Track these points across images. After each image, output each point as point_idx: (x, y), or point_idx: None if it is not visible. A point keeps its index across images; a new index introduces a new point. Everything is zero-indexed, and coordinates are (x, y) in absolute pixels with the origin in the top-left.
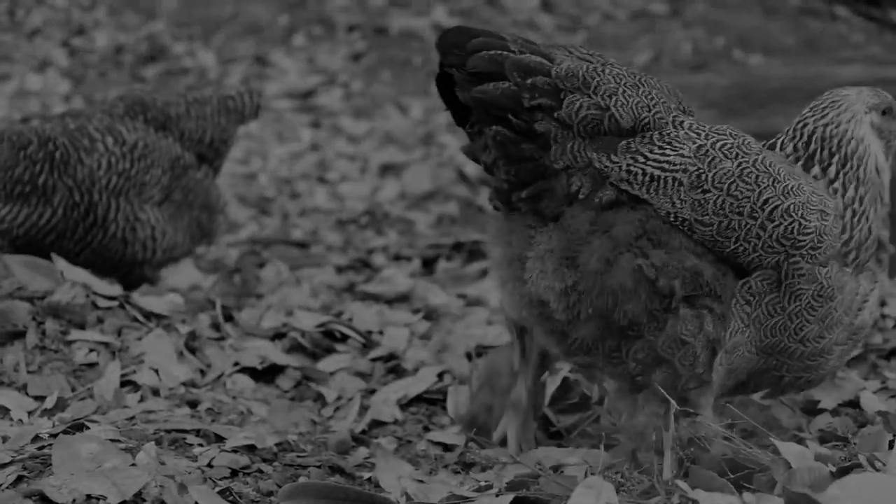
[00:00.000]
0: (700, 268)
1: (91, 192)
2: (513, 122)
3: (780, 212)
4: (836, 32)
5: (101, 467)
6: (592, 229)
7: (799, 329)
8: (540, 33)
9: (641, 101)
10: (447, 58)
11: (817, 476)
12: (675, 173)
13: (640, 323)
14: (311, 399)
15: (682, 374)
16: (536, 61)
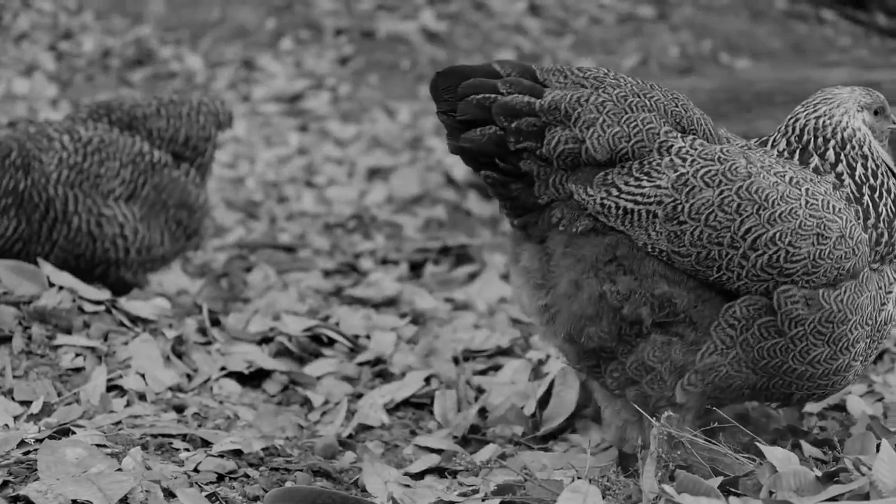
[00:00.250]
0: (673, 295)
1: (46, 189)
2: (500, 166)
3: (763, 241)
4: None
5: (86, 472)
6: (565, 252)
7: (805, 352)
8: (527, 37)
9: (621, 132)
10: (440, 104)
11: (803, 480)
12: (649, 206)
13: (609, 347)
14: (297, 403)
15: (652, 395)
16: (523, 102)
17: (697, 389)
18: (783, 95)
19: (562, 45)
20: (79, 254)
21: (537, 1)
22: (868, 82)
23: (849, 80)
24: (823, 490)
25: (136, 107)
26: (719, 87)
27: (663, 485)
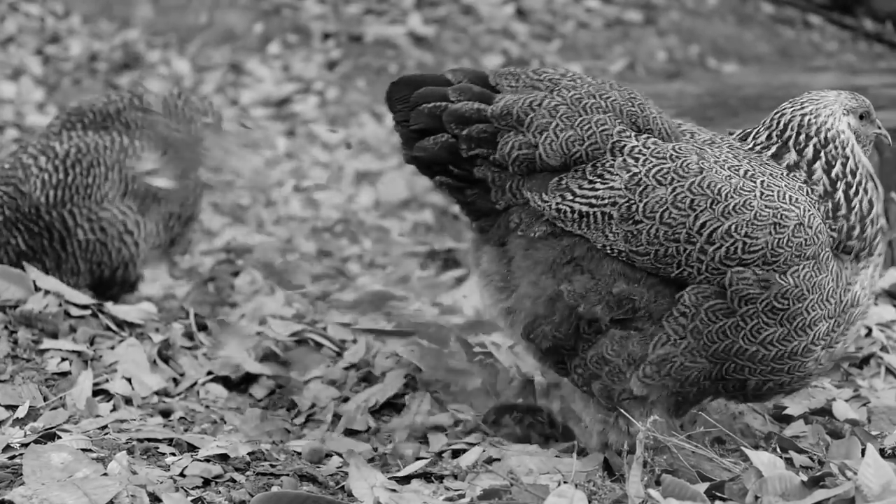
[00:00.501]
0: (631, 293)
1: (41, 215)
2: (454, 172)
3: (720, 234)
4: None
5: (72, 477)
6: (525, 255)
7: (756, 331)
8: (515, 41)
9: (574, 135)
10: (396, 115)
11: (788, 485)
12: (604, 208)
13: (567, 344)
14: (284, 408)
15: (615, 388)
16: (472, 109)
17: (655, 382)
18: (770, 100)
19: (549, 49)
20: (99, 261)
21: (525, 5)
22: (855, 87)
23: (835, 84)
24: (809, 495)
25: (109, 104)
26: (706, 92)
27: (649, 489)
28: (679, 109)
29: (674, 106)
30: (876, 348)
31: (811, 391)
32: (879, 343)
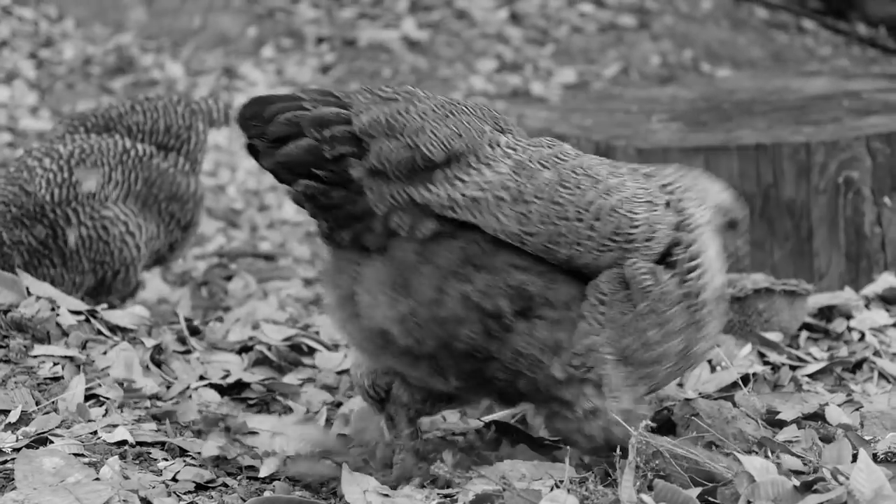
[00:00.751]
0: (525, 282)
1: (45, 215)
2: (319, 174)
3: (606, 210)
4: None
5: (64, 482)
6: (419, 260)
7: (644, 330)
8: (509, 46)
9: (451, 132)
10: (248, 131)
11: (781, 490)
12: (496, 190)
13: (482, 346)
14: (278, 413)
15: (540, 380)
16: (332, 112)
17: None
18: (763, 105)
19: (543, 53)
20: (101, 261)
21: (518, 10)
22: (848, 91)
23: (829, 89)
24: (801, 499)
25: (111, 108)
26: (700, 97)
27: (641, 494)
28: (672, 114)
29: (667, 111)
30: (869, 353)
31: (804, 395)
32: (872, 347)
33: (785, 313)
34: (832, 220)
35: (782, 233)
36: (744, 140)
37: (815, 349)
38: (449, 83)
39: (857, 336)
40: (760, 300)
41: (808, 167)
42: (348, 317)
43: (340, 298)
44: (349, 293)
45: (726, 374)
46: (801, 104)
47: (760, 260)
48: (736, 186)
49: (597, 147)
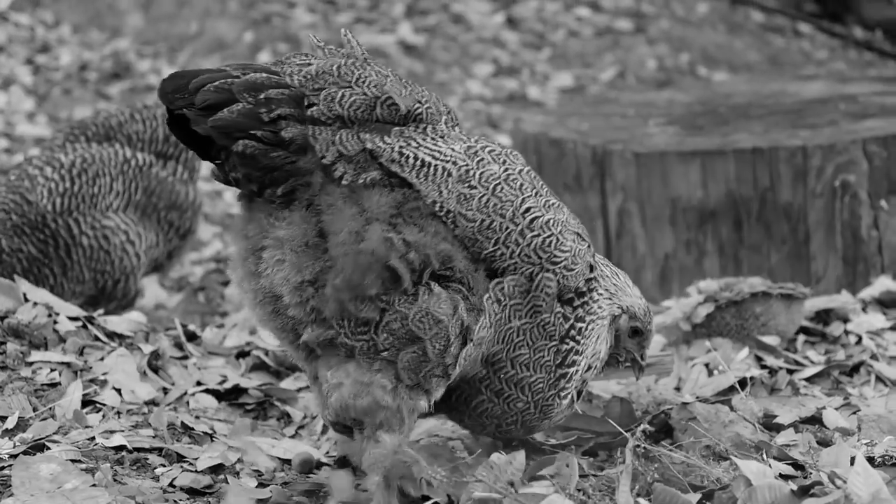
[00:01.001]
0: (453, 254)
1: (46, 223)
2: (259, 134)
3: (540, 223)
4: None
5: (61, 488)
6: (346, 203)
7: (519, 346)
8: (505, 50)
9: (412, 96)
10: (173, 103)
11: (778, 494)
12: (446, 163)
13: (389, 297)
14: (275, 418)
15: (432, 358)
16: (263, 77)
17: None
18: (759, 108)
19: (539, 57)
20: (102, 270)
21: (515, 14)
22: (845, 95)
23: (825, 92)
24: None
25: (110, 117)
26: (696, 100)
27: (639, 499)
28: (669, 118)
29: (664, 115)
30: (866, 356)
31: (801, 399)
32: (869, 351)
33: (782, 317)
34: (829, 223)
35: (779, 236)
36: (740, 144)
37: (812, 353)
38: (446, 87)
39: (854, 339)
40: (757, 304)
41: (805, 171)
42: (247, 274)
43: (245, 251)
44: (255, 246)
45: (723, 378)
46: (797, 108)
47: (757, 263)
48: (733, 190)
49: (594, 151)
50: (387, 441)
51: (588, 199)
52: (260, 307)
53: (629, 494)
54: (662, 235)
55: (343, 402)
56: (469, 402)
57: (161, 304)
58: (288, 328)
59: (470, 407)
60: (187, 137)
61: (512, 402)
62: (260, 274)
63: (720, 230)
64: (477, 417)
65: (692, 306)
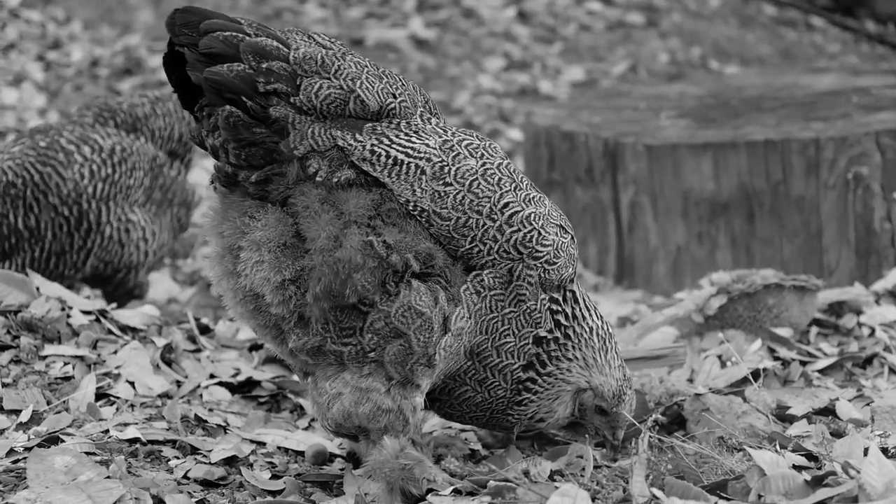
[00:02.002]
0: (434, 252)
1: (79, 203)
2: (248, 104)
3: (519, 218)
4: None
5: (75, 480)
6: (323, 206)
7: (504, 335)
8: (517, 44)
9: (387, 88)
10: (177, 37)
11: (791, 484)
12: (419, 161)
13: (371, 298)
14: (288, 410)
15: (416, 349)
16: (273, 45)
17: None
18: (772, 101)
19: (551, 52)
20: (108, 261)
21: (526, 8)
22: (857, 88)
23: (837, 85)
24: (812, 494)
25: (135, 106)
26: (708, 93)
27: (653, 489)
28: (681, 111)
29: (676, 108)
30: (879, 348)
31: (814, 390)
32: (882, 343)
33: (795, 309)
34: (842, 216)
35: (792, 229)
36: (753, 136)
37: (825, 345)
38: (457, 82)
39: (867, 332)
40: (770, 296)
41: (818, 163)
42: (225, 273)
43: (222, 250)
44: (232, 246)
45: (736, 370)
46: (810, 100)
47: (770, 256)
48: (745, 183)
49: (606, 144)
50: (388, 446)
51: (600, 192)
52: (241, 305)
53: (643, 484)
54: (674, 228)
55: (345, 411)
56: (452, 393)
57: (174, 297)
58: (270, 325)
59: (452, 396)
60: (178, 79)
61: (493, 389)
62: (238, 273)
63: (732, 223)
64: (458, 406)
65: (705, 298)
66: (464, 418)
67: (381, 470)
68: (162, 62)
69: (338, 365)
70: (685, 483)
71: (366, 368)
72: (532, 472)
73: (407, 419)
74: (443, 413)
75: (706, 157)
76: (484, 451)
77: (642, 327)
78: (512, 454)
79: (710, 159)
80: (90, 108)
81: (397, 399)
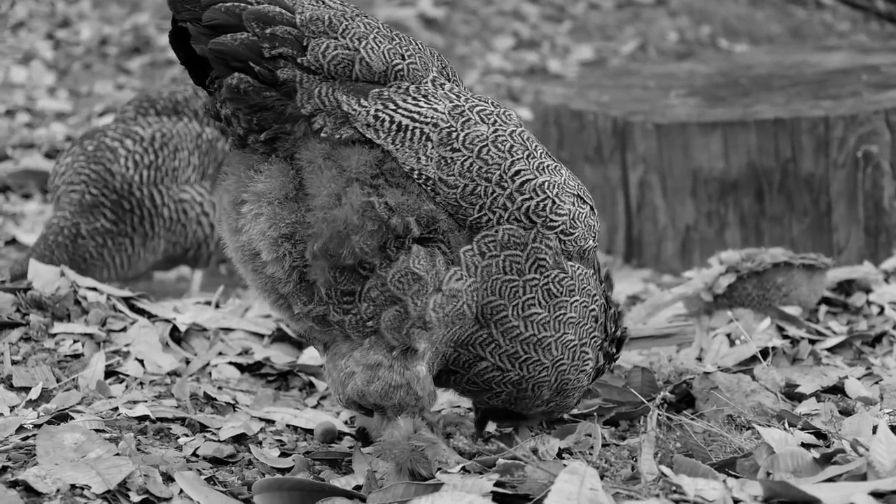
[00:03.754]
0: (437, 214)
1: (132, 193)
2: (255, 69)
3: (532, 186)
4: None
5: (85, 457)
6: (326, 163)
7: (528, 305)
8: (526, 23)
9: (394, 49)
10: (180, 13)
11: (800, 461)
12: (425, 126)
13: (369, 261)
14: (297, 388)
15: (412, 313)
16: (276, 11)
17: (440, 316)
18: (781, 79)
19: (560, 30)
20: (175, 241)
21: None
22: (867, 66)
23: (847, 63)
24: (821, 471)
25: (175, 92)
26: (717, 72)
27: (661, 466)
28: (690, 90)
29: (685, 86)
30: (888, 326)
31: (823, 369)
32: (892, 321)
33: (804, 287)
34: (851, 194)
35: (801, 207)
36: (762, 115)
37: (834, 323)
38: (466, 61)
39: (876, 310)
40: (779, 274)
41: (827, 141)
42: (230, 230)
43: (228, 206)
44: (236, 200)
45: (745, 348)
46: (819, 79)
47: (779, 234)
48: (755, 161)
49: (615, 123)
50: (402, 426)
51: (609, 170)
52: (242, 265)
53: (652, 462)
54: (684, 207)
55: (359, 390)
56: (470, 368)
57: (183, 276)
58: (268, 288)
59: (471, 372)
60: (186, 55)
61: (530, 364)
62: (240, 230)
63: (742, 201)
64: (483, 384)
65: (714, 277)
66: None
67: (391, 450)
68: (169, 40)
69: (344, 338)
70: (694, 461)
71: (366, 341)
72: (540, 450)
73: (417, 394)
74: (460, 389)
75: (715, 135)
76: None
77: (651, 306)
78: (521, 432)
79: (719, 138)
80: (131, 104)
81: (402, 372)
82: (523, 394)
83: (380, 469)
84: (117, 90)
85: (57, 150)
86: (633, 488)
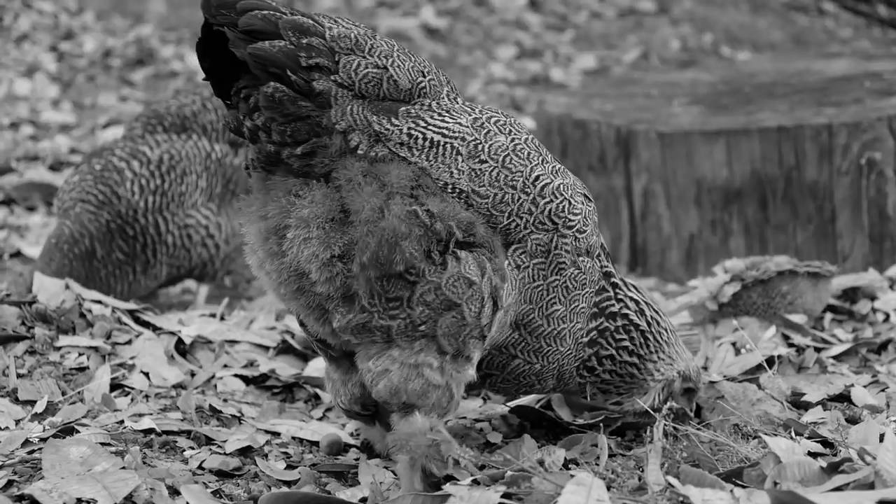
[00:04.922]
0: (474, 220)
1: (137, 220)
2: (291, 78)
3: (550, 189)
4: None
5: (91, 471)
6: (366, 179)
7: (551, 304)
8: (528, 32)
9: (416, 66)
10: (215, 18)
11: (807, 471)
12: (454, 140)
13: (418, 267)
14: (302, 400)
15: (469, 320)
16: (310, 23)
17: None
18: (784, 87)
19: (562, 39)
20: (178, 265)
21: None
22: (870, 72)
23: (850, 70)
24: (828, 480)
25: (183, 106)
26: (720, 80)
27: (668, 477)
28: (693, 98)
29: (688, 94)
30: (894, 333)
31: (829, 377)
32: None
33: (809, 295)
34: (855, 201)
35: (805, 215)
36: (765, 122)
37: (839, 331)
38: (469, 70)
39: (881, 317)
40: (784, 282)
41: (831, 149)
42: (269, 255)
43: (266, 232)
44: (278, 226)
45: (751, 357)
46: (822, 86)
47: (784, 242)
48: (758, 169)
49: (618, 132)
50: (419, 421)
51: (612, 179)
52: (284, 286)
53: (659, 472)
54: (688, 215)
55: (393, 387)
56: (504, 368)
57: (188, 289)
58: (314, 305)
59: (506, 371)
60: (210, 66)
61: (550, 355)
62: (284, 253)
63: (746, 209)
64: (514, 380)
65: (718, 286)
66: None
67: (407, 443)
68: (195, 48)
69: (383, 342)
70: (700, 471)
71: (416, 344)
72: (547, 461)
73: (453, 395)
74: (495, 388)
75: (719, 143)
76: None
77: None
78: (527, 444)
79: (722, 146)
80: (139, 119)
81: (448, 375)
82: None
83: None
84: (121, 102)
85: (61, 162)
86: (640, 499)
